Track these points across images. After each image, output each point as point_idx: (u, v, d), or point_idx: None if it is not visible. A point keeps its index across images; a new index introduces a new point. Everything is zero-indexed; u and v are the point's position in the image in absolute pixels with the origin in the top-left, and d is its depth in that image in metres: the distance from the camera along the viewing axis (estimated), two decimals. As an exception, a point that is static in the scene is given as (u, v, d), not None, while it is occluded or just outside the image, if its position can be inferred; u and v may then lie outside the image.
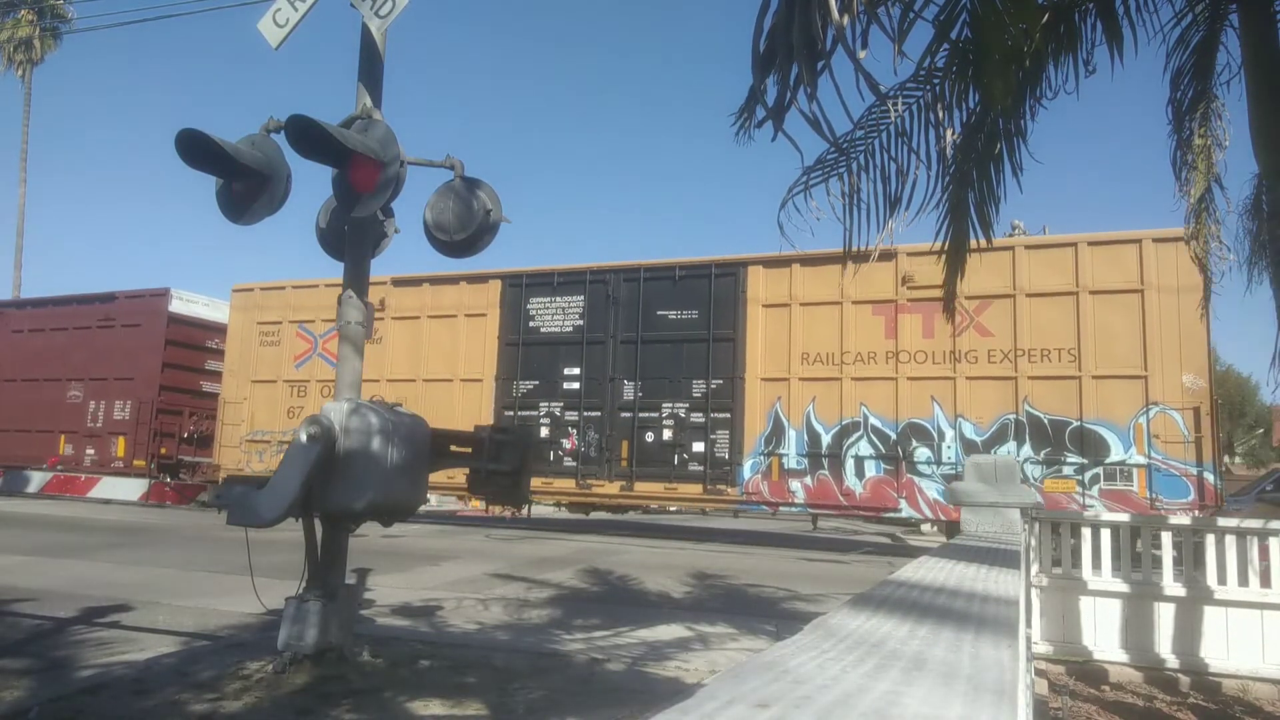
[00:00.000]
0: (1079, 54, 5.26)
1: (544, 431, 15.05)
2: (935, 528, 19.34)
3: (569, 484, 14.79)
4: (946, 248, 5.72)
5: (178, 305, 19.43)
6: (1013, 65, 4.36)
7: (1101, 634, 6.92)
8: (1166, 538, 7.00)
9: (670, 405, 14.35)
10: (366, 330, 5.70)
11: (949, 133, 5.04)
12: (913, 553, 13.17)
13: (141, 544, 11.83)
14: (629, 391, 14.68)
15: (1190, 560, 6.79)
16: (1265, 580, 6.57)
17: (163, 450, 18.98)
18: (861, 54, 3.85)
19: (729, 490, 13.77)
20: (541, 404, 15.24)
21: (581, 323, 15.20)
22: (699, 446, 14.04)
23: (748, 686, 0.85)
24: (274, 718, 4.40)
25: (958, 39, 4.47)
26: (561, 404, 15.08)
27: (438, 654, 5.71)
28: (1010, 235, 13.90)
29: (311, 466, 4.90)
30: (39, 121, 63.38)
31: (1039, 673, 6.42)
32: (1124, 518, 7.36)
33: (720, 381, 14.05)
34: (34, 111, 37.09)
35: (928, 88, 5.07)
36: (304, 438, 4.96)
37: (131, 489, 19.23)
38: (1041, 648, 6.93)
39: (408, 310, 16.44)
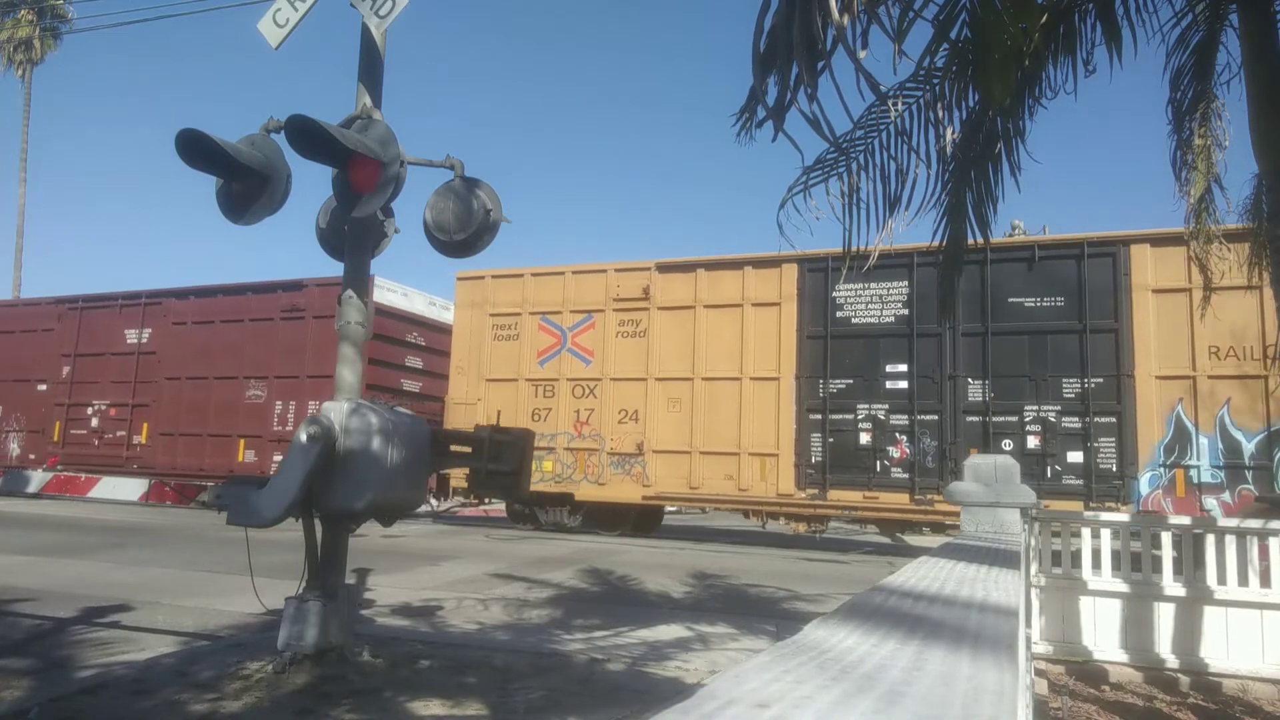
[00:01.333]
0: (1078, 54, 5.27)
1: (864, 438, 13.13)
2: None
3: (901, 498, 12.86)
4: (944, 248, 5.73)
5: (379, 294, 17.26)
6: (1012, 65, 4.37)
7: (1101, 634, 6.92)
8: (1166, 538, 7.01)
9: (1034, 408, 12.30)
10: (366, 330, 5.71)
11: (949, 132, 5.05)
12: (912, 553, 13.18)
13: (141, 544, 11.83)
14: (975, 391, 12.66)
15: (1190, 560, 6.79)
16: (1265, 580, 6.57)
17: None
18: (862, 54, 3.86)
19: (1120, 508, 11.56)
20: (859, 406, 13.28)
21: (906, 312, 13.21)
22: (1076, 456, 12.04)
23: (748, 686, 0.85)
24: (274, 718, 4.40)
25: (957, 39, 4.47)
26: (886, 406, 13.10)
27: (438, 654, 5.71)
28: (1010, 235, 13.85)
29: (311, 466, 4.91)
30: (39, 121, 63.41)
31: (1039, 673, 6.42)
32: (1124, 518, 7.36)
33: (1100, 380, 12.05)
34: (34, 111, 37.12)
35: (927, 87, 5.08)
36: (304, 438, 4.96)
37: (131, 489, 19.23)
38: (1041, 648, 6.93)
39: (678, 300, 14.60)
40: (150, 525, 14.82)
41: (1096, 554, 7.00)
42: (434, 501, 18.42)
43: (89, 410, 19.03)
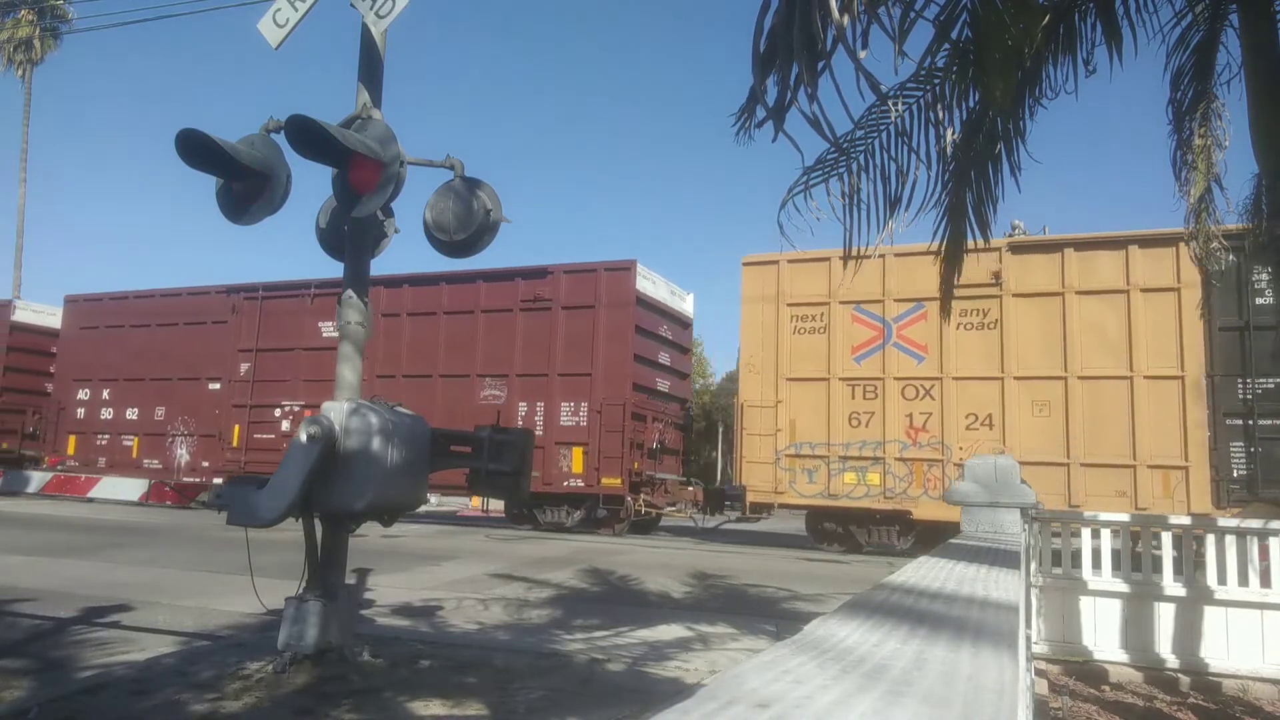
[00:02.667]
0: (1079, 54, 5.27)
1: None
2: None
3: None
4: (943, 248, 5.73)
5: (640, 283, 15.45)
6: (1013, 65, 4.36)
7: (1101, 634, 6.91)
8: (1167, 538, 7.01)
9: None
10: (366, 330, 5.71)
11: (949, 133, 5.04)
12: (912, 553, 13.16)
13: (141, 544, 11.83)
14: None
15: (1190, 560, 6.79)
16: (1265, 580, 6.57)
17: (634, 465, 14.79)
18: (862, 54, 3.85)
19: None
20: None
21: None
22: None
23: (748, 686, 0.85)
24: (274, 718, 4.40)
25: (958, 39, 4.47)
26: None
27: (438, 654, 5.71)
28: (1010, 235, 13.78)
29: (312, 466, 4.90)
30: (39, 121, 63.41)
31: (1039, 673, 6.42)
32: (1124, 518, 7.36)
33: None
34: (34, 111, 37.13)
35: (928, 87, 5.07)
36: (304, 438, 4.96)
37: (131, 489, 19.21)
38: (1041, 648, 6.93)
39: (1038, 285, 12.73)
40: (150, 525, 14.81)
41: (1096, 554, 7.00)
42: (698, 517, 16.62)
43: (276, 412, 17.12)
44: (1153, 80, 5.98)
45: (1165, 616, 6.78)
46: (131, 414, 19.14)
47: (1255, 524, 6.85)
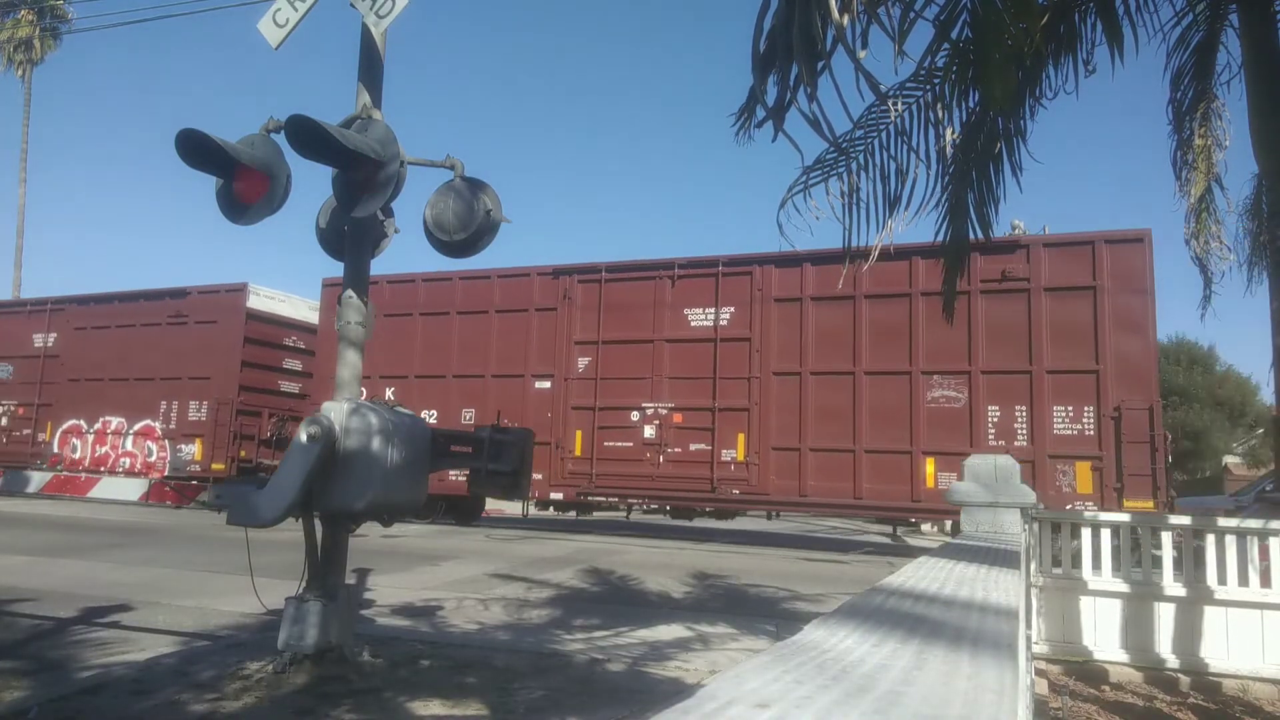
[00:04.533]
0: (1079, 54, 5.27)
1: None
2: (935, 527, 18.57)
3: None
4: (945, 247, 5.74)
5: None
6: (1013, 66, 4.37)
7: (1101, 634, 6.92)
8: (1166, 538, 7.01)
9: None
10: (367, 330, 5.70)
11: (949, 132, 5.05)
12: (912, 552, 13.17)
13: (141, 544, 11.82)
14: None
15: (1190, 560, 6.79)
16: (1265, 580, 6.58)
17: (1173, 493, 12.09)
18: (862, 54, 3.86)
19: None
20: None
21: None
22: None
23: (748, 686, 0.85)
24: (274, 718, 4.40)
25: (958, 39, 4.47)
26: None
27: (438, 654, 5.71)
28: (1010, 235, 13.76)
29: (312, 466, 4.91)
30: (38, 121, 63.40)
31: (1039, 673, 6.43)
32: (1124, 518, 7.37)
33: None
34: (34, 111, 37.15)
35: (928, 87, 5.08)
36: (304, 438, 4.97)
37: (131, 489, 19.16)
38: (1041, 648, 6.93)
39: None
40: (150, 525, 14.81)
41: (1097, 554, 7.01)
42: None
43: (634, 416, 14.18)
44: (1154, 81, 5.99)
45: (1165, 616, 6.78)
46: (428, 417, 15.90)
47: (1255, 524, 6.86)
